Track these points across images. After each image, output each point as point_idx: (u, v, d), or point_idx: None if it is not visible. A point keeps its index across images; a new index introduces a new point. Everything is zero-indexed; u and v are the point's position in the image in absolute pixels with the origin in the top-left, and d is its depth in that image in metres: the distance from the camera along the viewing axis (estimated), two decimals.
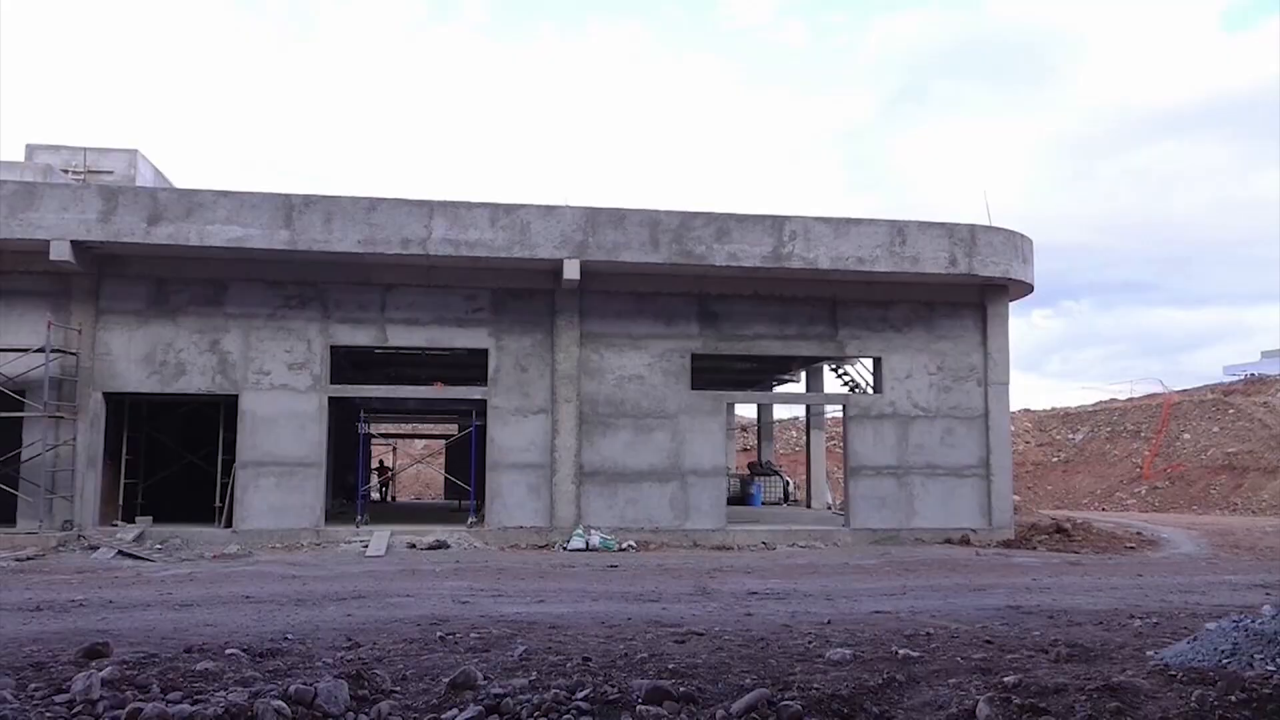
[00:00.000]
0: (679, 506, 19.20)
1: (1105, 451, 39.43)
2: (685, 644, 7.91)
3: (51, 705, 5.56)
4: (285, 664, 6.90)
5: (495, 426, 19.02)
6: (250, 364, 18.41)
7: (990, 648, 7.68)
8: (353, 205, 17.76)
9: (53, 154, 21.55)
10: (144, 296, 18.30)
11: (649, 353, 19.44)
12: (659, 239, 18.39)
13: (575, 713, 5.42)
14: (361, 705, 5.64)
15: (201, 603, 10.70)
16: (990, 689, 5.87)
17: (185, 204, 17.43)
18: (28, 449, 17.68)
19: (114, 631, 8.45)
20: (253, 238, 17.46)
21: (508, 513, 18.82)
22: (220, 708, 5.21)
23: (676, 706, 5.59)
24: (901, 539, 19.49)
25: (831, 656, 7.13)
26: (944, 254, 19.13)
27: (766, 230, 18.68)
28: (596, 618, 9.56)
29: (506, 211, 18.13)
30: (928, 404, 20.13)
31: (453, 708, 5.60)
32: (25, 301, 17.93)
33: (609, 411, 19.22)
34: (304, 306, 18.64)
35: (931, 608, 10.49)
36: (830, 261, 18.78)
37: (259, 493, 18.21)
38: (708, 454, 19.45)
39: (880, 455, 19.89)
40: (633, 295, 19.46)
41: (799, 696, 5.68)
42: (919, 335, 20.26)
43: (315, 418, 18.48)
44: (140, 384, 18.22)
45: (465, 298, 19.08)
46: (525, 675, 6.49)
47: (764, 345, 20.01)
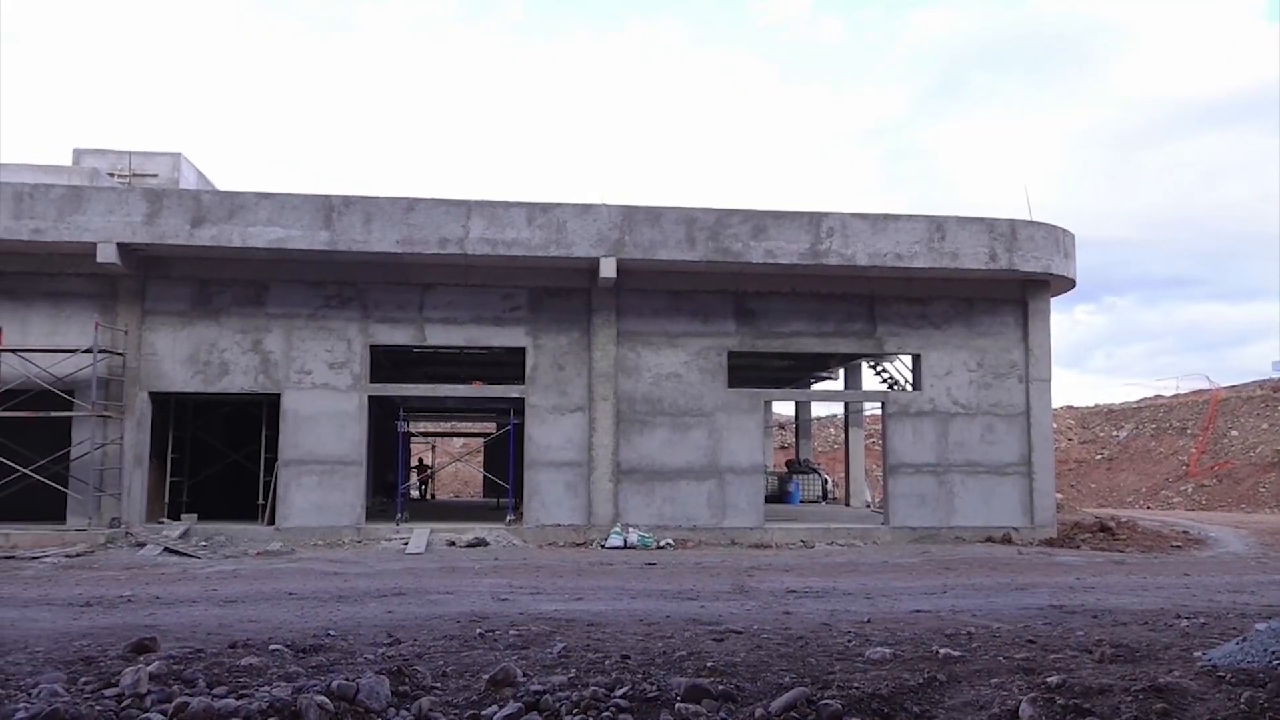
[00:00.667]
0: (716, 505, 19.17)
1: (1150, 449, 38.81)
2: (724, 642, 7.90)
3: (101, 699, 5.67)
4: (328, 660, 6.98)
5: (533, 425, 19.10)
6: (292, 363, 18.64)
7: (1033, 647, 7.59)
8: (391, 205, 17.92)
9: (99, 158, 21.93)
10: (188, 297, 18.59)
11: (686, 351, 19.43)
12: (695, 237, 18.37)
13: (614, 710, 5.43)
14: (403, 701, 5.69)
15: (245, 599, 10.85)
16: (1033, 689, 5.80)
17: (227, 206, 17.68)
18: (77, 447, 18.03)
19: (161, 627, 8.60)
20: (293, 239, 17.67)
21: (546, 510, 18.90)
22: (265, 702, 5.28)
23: (715, 705, 5.58)
24: (941, 537, 19.32)
25: (871, 655, 7.09)
26: (984, 249, 18.93)
27: (803, 227, 18.60)
28: (635, 615, 9.57)
29: (543, 210, 18.19)
30: (968, 401, 19.93)
31: (493, 704, 5.64)
32: (74, 303, 18.28)
33: (646, 410, 19.23)
34: (344, 306, 18.84)
35: (972, 607, 10.39)
36: (868, 258, 18.65)
37: (301, 491, 18.44)
38: (745, 452, 19.40)
39: (920, 453, 19.73)
40: (669, 293, 19.46)
41: (839, 695, 5.65)
42: (958, 332, 20.06)
43: (355, 416, 18.67)
44: (185, 384, 18.51)
45: (502, 297, 19.18)
46: (564, 673, 6.51)
47: (801, 343, 19.91)
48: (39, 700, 5.50)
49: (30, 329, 18.12)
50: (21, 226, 17.15)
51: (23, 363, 17.74)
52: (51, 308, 18.27)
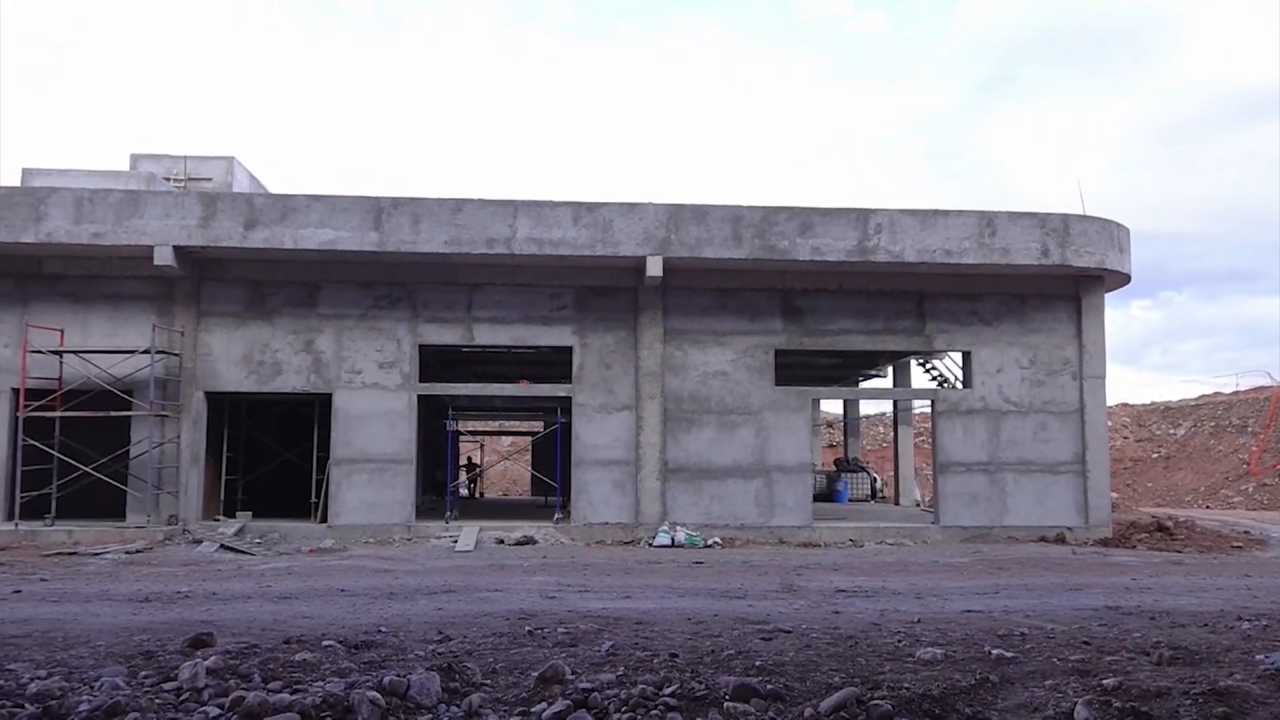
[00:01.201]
0: (764, 503, 19.10)
1: (1209, 447, 37.94)
2: (772, 641, 7.87)
3: (160, 692, 5.80)
4: (379, 656, 7.06)
5: (580, 423, 19.17)
6: (343, 363, 18.89)
7: (1088, 649, 7.47)
8: (439, 206, 18.08)
9: (155, 163, 22.39)
10: (242, 299, 18.92)
11: (732, 349, 19.37)
12: (741, 235, 18.31)
13: (662, 709, 5.43)
14: (453, 698, 5.74)
15: (299, 595, 11.02)
16: (1089, 691, 5.71)
17: (279, 208, 17.97)
18: (136, 446, 18.44)
19: (217, 622, 8.76)
20: (344, 240, 17.90)
21: (593, 509, 18.96)
22: (318, 697, 5.36)
23: (764, 704, 5.56)
24: (993, 537, 19.06)
25: (922, 656, 7.02)
26: (1035, 245, 18.64)
27: (851, 224, 18.45)
28: (683, 614, 9.57)
29: (589, 210, 18.25)
30: (1020, 399, 19.65)
31: (541, 701, 5.67)
32: (132, 305, 18.70)
33: (693, 408, 19.21)
34: (393, 306, 19.06)
35: (1025, 607, 10.24)
36: (917, 254, 18.46)
37: (352, 489, 18.68)
38: (793, 450, 19.30)
39: (970, 451, 19.49)
40: (716, 291, 19.42)
41: (889, 696, 5.61)
42: (1010, 328, 19.78)
43: (405, 415, 18.87)
44: (239, 383, 18.84)
45: (549, 296, 19.27)
46: (612, 670, 6.53)
47: (849, 340, 19.76)
48: (101, 693, 5.63)
49: (91, 331, 18.57)
50: (82, 230, 17.57)
51: (84, 364, 18.18)
52: (111, 310, 18.70)
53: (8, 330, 18.42)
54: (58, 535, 17.24)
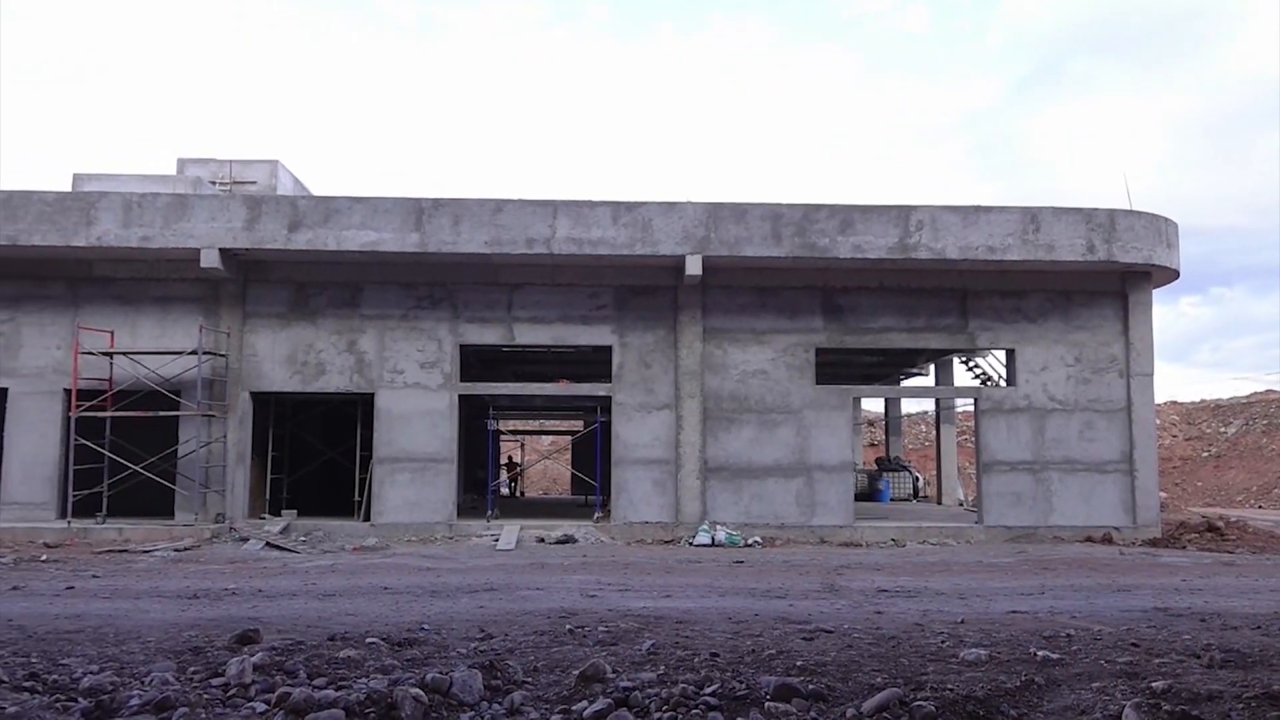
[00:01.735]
0: (805, 502, 19.01)
1: (1261, 445, 37.15)
2: (814, 641, 7.83)
3: (209, 687, 5.89)
4: (422, 653, 7.13)
5: (620, 422, 19.20)
6: (385, 363, 19.08)
7: (1136, 651, 7.35)
8: (479, 207, 18.20)
9: (201, 167, 22.76)
10: (286, 300, 19.17)
11: (772, 347, 19.30)
12: (781, 233, 18.23)
13: (703, 708, 5.43)
14: (495, 695, 5.78)
15: (343, 593, 11.14)
16: (1137, 694, 5.62)
17: (322, 210, 18.18)
18: (183, 446, 18.76)
19: (264, 619, 8.88)
20: (385, 241, 18.08)
21: (633, 508, 18.98)
22: (362, 694, 5.41)
23: (805, 704, 5.53)
24: (1038, 537, 18.82)
25: (966, 657, 6.95)
26: (1081, 240, 18.38)
27: (892, 221, 18.31)
28: (723, 613, 9.55)
29: (628, 209, 18.27)
30: (1065, 397, 19.38)
31: (583, 700, 5.69)
32: (179, 307, 19.02)
33: (733, 407, 19.17)
34: (434, 307, 19.21)
35: (1072, 608, 10.09)
36: (959, 251, 18.27)
37: (395, 488, 18.87)
38: (834, 449, 19.19)
39: (1014, 450, 19.25)
40: (755, 290, 19.36)
41: (932, 697, 5.55)
42: (1055, 325, 19.52)
43: (446, 415, 19.02)
44: (284, 384, 19.09)
45: (589, 295, 19.32)
46: (653, 669, 6.54)
47: (890, 338, 19.61)
48: (151, 688, 5.74)
49: (140, 332, 18.92)
50: (131, 234, 17.91)
51: (133, 364, 18.53)
52: (159, 312, 19.04)
53: (60, 332, 18.83)
54: (108, 533, 17.60)
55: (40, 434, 18.64)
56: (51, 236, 17.82)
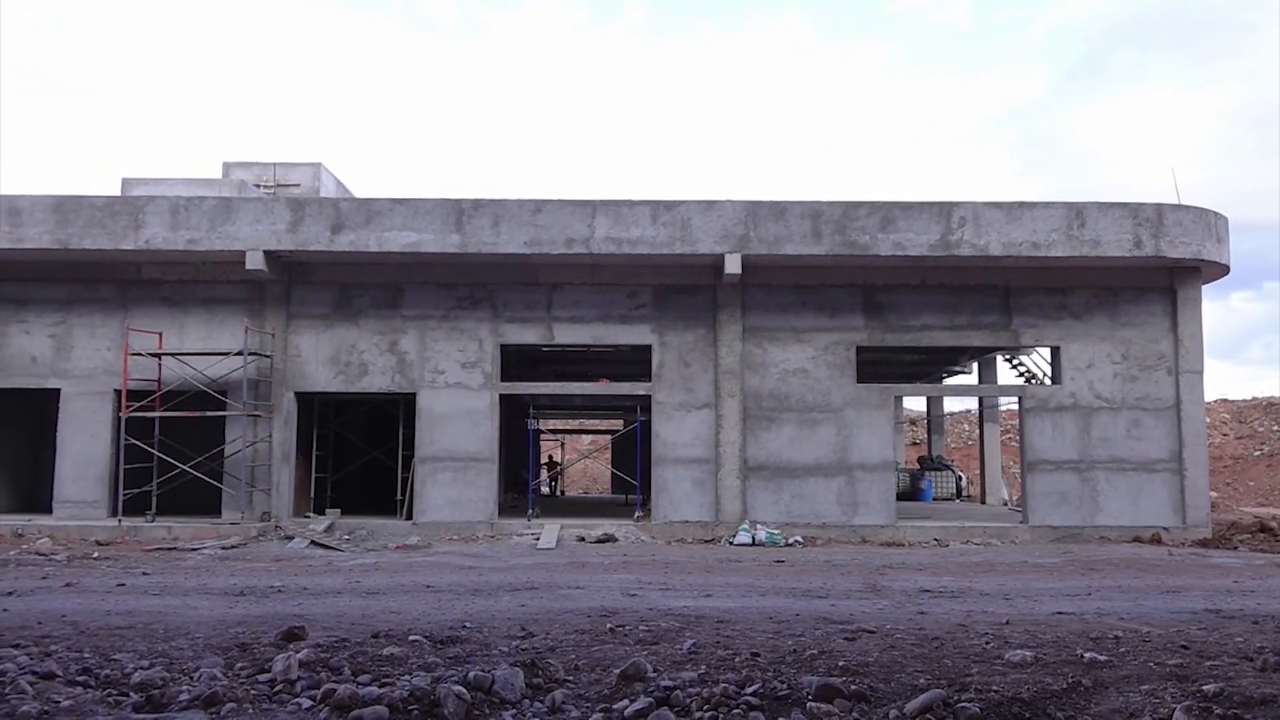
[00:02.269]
0: (846, 501, 18.88)
1: None
2: (856, 641, 7.78)
3: (256, 683, 5.98)
4: (464, 651, 7.18)
5: (659, 422, 19.20)
6: (426, 363, 19.23)
7: (1186, 653, 7.21)
8: (519, 207, 18.29)
9: (245, 170, 23.07)
10: (329, 301, 19.40)
11: (813, 346, 19.20)
12: (821, 230, 18.13)
13: (745, 708, 5.42)
14: (536, 693, 5.81)
15: (386, 591, 11.25)
16: (1187, 697, 5.52)
17: (364, 212, 18.37)
18: (230, 445, 19.05)
19: (309, 616, 8.99)
20: (426, 242, 18.23)
21: (673, 507, 18.97)
22: (405, 691, 5.47)
23: (848, 704, 5.50)
24: (1084, 537, 18.54)
25: (1011, 658, 6.86)
26: (1127, 236, 18.08)
27: (933, 217, 18.14)
28: (764, 613, 9.51)
29: (667, 208, 18.26)
30: (1111, 395, 19.08)
31: (624, 699, 5.69)
32: (225, 308, 19.32)
33: (773, 406, 19.09)
34: (475, 307, 19.33)
35: (1119, 609, 9.93)
36: (1002, 248, 18.05)
37: (436, 487, 19.01)
38: (875, 448, 19.05)
39: (1060, 449, 18.98)
40: (795, 288, 19.26)
41: (977, 698, 5.50)
42: (1101, 322, 19.22)
43: (487, 414, 19.13)
44: (327, 384, 19.32)
45: (628, 295, 19.34)
46: (694, 669, 6.53)
47: (932, 336, 19.43)
48: (200, 683, 5.84)
49: (187, 334, 19.24)
50: (178, 237, 18.22)
51: (181, 365, 18.85)
52: (206, 313, 19.34)
53: (110, 334, 19.20)
54: (158, 531, 17.93)
55: (91, 434, 19.03)
56: (101, 240, 18.18)
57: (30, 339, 19.26)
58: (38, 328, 19.28)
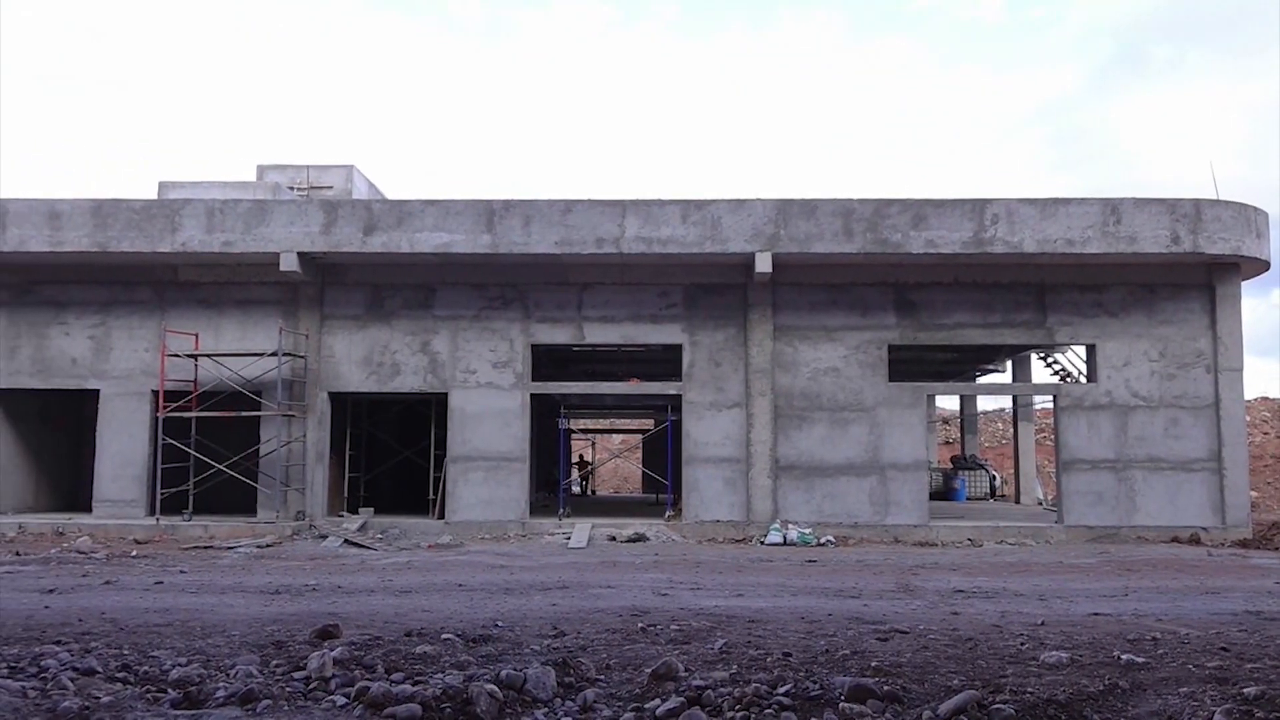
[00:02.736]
0: (878, 501, 18.77)
1: None
2: (888, 642, 7.73)
3: (290, 681, 6.04)
4: (496, 650, 7.21)
5: (690, 421, 19.18)
6: (458, 363, 19.33)
7: (1226, 655, 7.10)
8: (549, 208, 18.34)
9: (279, 173, 23.31)
10: (361, 302, 19.55)
11: (844, 345, 19.10)
12: (852, 228, 18.03)
13: (776, 708, 5.40)
14: (568, 692, 5.82)
15: (419, 589, 11.32)
16: (1227, 700, 5.43)
17: (396, 214, 18.50)
18: (265, 445, 19.26)
19: (342, 614, 9.07)
20: (457, 243, 18.32)
21: (704, 506, 18.95)
22: (438, 689, 5.50)
23: (880, 705, 5.47)
24: (1121, 537, 18.31)
25: (1046, 659, 6.79)
26: (1164, 232, 17.83)
27: (966, 214, 17.98)
28: (796, 613, 9.48)
29: (697, 207, 18.24)
30: (1149, 393, 18.82)
31: (655, 698, 5.69)
32: (260, 310, 19.53)
33: (804, 405, 19.01)
34: (506, 307, 19.41)
35: (1157, 610, 9.80)
36: (1036, 244, 17.87)
37: (468, 486, 19.11)
38: (907, 447, 18.91)
39: (1096, 448, 18.76)
40: (826, 286, 19.17)
41: (1011, 700, 5.44)
42: (1138, 320, 18.96)
43: (518, 414, 19.20)
44: (360, 384, 19.47)
45: (658, 294, 19.34)
46: (725, 668, 6.52)
47: (965, 334, 19.26)
48: (236, 681, 5.91)
49: (223, 335, 19.47)
50: (214, 239, 18.44)
51: (216, 366, 19.08)
52: (241, 314, 19.56)
53: (148, 335, 19.47)
54: (194, 530, 18.17)
55: (130, 434, 19.31)
56: (139, 243, 18.44)
57: (70, 340, 19.58)
58: (77, 329, 19.59)
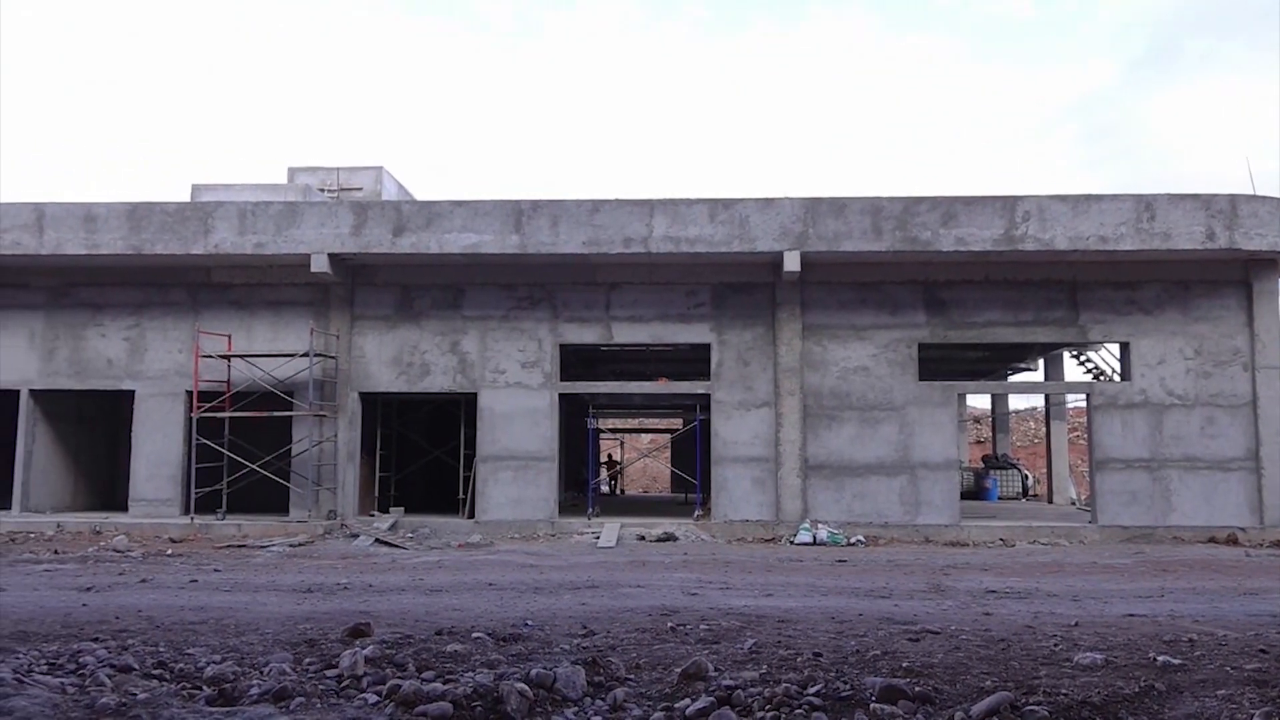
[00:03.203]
0: (909, 500, 18.65)
1: None
2: (920, 642, 7.68)
3: (323, 678, 6.09)
4: (526, 649, 7.23)
5: (719, 420, 19.15)
6: (487, 363, 19.42)
7: (1265, 658, 6.99)
8: (577, 208, 18.37)
9: (310, 175, 23.54)
10: (391, 303, 19.68)
11: (873, 343, 19.00)
12: (881, 227, 17.93)
13: (807, 708, 5.37)
14: (597, 691, 5.83)
15: (449, 588, 11.37)
16: (1266, 703, 5.35)
17: (425, 215, 18.61)
18: (296, 445, 19.44)
19: (374, 613, 9.13)
20: (486, 243, 18.40)
21: (733, 506, 18.91)
22: (469, 688, 5.52)
23: (912, 706, 5.43)
24: (1156, 537, 18.09)
25: (1080, 661, 6.72)
26: (1199, 228, 17.59)
27: (997, 212, 17.83)
28: (826, 613, 9.44)
29: (725, 206, 18.20)
30: (1184, 391, 18.58)
31: (685, 697, 5.69)
32: (291, 311, 19.71)
33: (833, 404, 18.93)
34: (534, 307, 19.47)
35: (1194, 612, 9.66)
36: (1068, 242, 17.69)
37: (498, 485, 19.19)
38: (938, 446, 18.78)
39: (1130, 447, 18.54)
40: (855, 285, 19.08)
41: (1045, 702, 5.39)
42: (1172, 317, 18.73)
43: (547, 414, 19.26)
44: (390, 384, 19.60)
45: (686, 293, 19.32)
46: (755, 668, 6.50)
47: (996, 333, 19.10)
48: (270, 678, 5.96)
49: (255, 336, 19.67)
50: (245, 241, 18.63)
51: (249, 367, 19.28)
52: (272, 315, 19.76)
53: (181, 336, 19.71)
54: (228, 529, 18.37)
55: (164, 434, 19.55)
56: (173, 245, 18.66)
57: (106, 342, 19.85)
58: (113, 331, 19.87)
